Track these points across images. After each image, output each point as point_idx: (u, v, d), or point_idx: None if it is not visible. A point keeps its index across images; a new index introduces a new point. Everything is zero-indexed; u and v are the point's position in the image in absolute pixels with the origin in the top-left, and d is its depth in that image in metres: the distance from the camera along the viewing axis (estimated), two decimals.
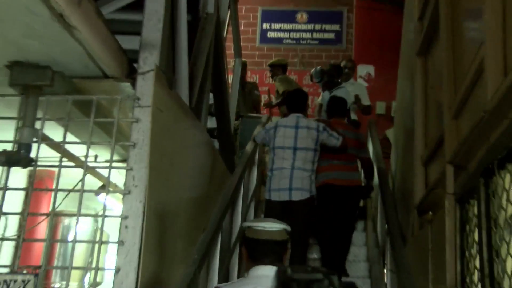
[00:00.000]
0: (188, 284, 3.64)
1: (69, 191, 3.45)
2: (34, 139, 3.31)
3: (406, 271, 3.59)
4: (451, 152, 2.82)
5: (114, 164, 3.48)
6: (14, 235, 5.18)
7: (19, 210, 5.48)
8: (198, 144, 4.54)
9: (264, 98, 10.62)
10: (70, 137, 3.56)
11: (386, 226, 4.64)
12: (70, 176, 3.92)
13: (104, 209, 3.35)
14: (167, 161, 3.64)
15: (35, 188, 3.31)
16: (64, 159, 3.51)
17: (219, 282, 4.49)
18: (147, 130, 3.29)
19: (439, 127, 3.49)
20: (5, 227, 5.07)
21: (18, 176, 5.09)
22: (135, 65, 3.60)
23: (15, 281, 2.98)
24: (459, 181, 2.78)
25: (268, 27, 10.91)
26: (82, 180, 3.31)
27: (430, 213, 3.68)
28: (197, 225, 4.35)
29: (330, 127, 5.18)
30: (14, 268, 3.16)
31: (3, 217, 4.11)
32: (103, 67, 3.37)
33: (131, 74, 3.59)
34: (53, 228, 5.73)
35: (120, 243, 3.14)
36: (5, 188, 3.29)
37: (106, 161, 4.04)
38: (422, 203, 3.66)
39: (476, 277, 2.45)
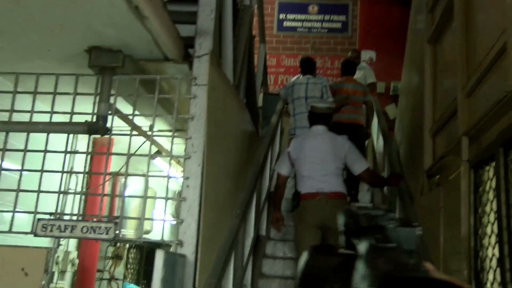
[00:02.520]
0: (234, 233, 3.71)
1: (139, 155, 3.50)
2: (109, 112, 3.35)
3: (416, 220, 3.63)
4: (465, 126, 2.82)
5: (168, 134, 3.51)
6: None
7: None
8: (239, 115, 4.56)
9: (280, 79, 10.66)
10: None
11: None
12: (127, 142, 3.95)
13: (168, 171, 3.37)
14: (219, 130, 3.67)
15: (111, 153, 3.35)
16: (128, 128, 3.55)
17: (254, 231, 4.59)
18: (203, 105, 3.30)
19: (447, 105, 3.49)
20: (76, 184, 5.13)
21: (82, 143, 5.13)
22: (189, 50, 3.61)
23: (100, 227, 3.04)
24: (471, 150, 2.79)
25: (284, 17, 10.77)
26: (150, 147, 3.35)
27: (438, 176, 3.70)
28: (237, 182, 4.38)
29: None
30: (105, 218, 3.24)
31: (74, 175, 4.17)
32: (165, 51, 3.37)
33: (186, 58, 3.60)
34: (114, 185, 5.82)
35: (183, 199, 3.18)
36: (87, 152, 3.35)
37: (166, 131, 4.07)
38: (431, 168, 3.67)
39: (488, 229, 2.47)
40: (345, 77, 6.26)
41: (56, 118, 3.50)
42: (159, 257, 2.54)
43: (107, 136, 3.32)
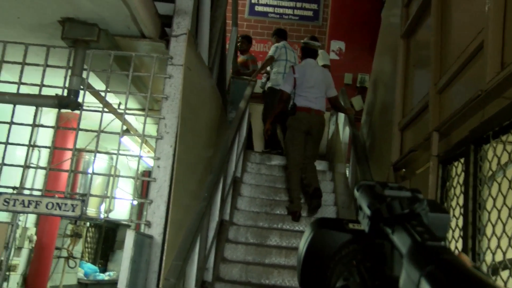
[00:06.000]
0: (201, 217, 3.71)
1: (109, 132, 3.43)
2: (81, 87, 3.27)
3: None
4: (436, 122, 2.90)
5: (140, 112, 3.46)
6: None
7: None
8: (211, 97, 4.53)
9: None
10: (103, 87, 3.50)
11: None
12: (92, 119, 3.87)
13: (140, 151, 3.33)
14: (192, 111, 3.64)
15: (81, 129, 3.27)
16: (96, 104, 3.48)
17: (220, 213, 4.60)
18: (178, 85, 3.28)
19: (418, 100, 3.57)
20: (38, 159, 5.00)
21: (45, 117, 4.99)
22: (166, 28, 3.55)
23: (66, 204, 2.99)
24: (440, 146, 2.87)
25: (256, 1, 10.73)
26: (122, 125, 3.29)
27: (404, 170, 3.79)
28: (206, 165, 4.37)
29: None
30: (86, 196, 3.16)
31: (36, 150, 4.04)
32: (142, 28, 3.32)
33: (162, 36, 3.55)
34: (78, 162, 5.70)
35: (153, 179, 3.16)
36: (56, 127, 3.25)
37: (135, 109, 4.02)
38: (398, 161, 3.76)
39: (453, 223, 2.56)
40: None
41: (21, 90, 3.40)
42: (130, 237, 2.52)
43: (77, 111, 3.25)
